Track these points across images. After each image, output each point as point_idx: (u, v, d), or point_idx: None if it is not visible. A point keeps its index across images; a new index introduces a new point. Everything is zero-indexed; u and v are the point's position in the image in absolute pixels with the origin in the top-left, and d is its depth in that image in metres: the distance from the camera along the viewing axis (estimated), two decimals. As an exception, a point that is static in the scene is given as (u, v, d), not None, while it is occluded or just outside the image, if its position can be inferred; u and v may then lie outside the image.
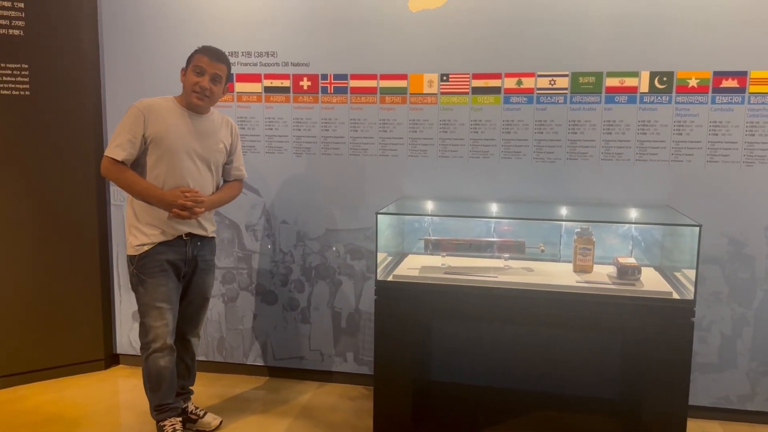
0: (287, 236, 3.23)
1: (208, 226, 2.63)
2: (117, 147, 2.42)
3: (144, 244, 2.48)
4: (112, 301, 3.47)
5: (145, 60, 3.23)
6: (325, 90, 3.10)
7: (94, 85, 3.29)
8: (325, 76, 3.09)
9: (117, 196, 3.36)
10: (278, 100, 3.15)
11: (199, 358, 2.82)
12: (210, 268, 2.71)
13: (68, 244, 3.28)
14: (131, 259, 2.52)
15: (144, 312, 2.52)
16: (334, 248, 3.15)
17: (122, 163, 2.43)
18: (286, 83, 3.13)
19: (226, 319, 3.34)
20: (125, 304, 3.43)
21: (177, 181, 2.49)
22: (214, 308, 3.32)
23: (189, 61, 2.52)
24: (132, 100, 3.21)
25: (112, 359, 3.52)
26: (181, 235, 2.53)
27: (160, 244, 2.49)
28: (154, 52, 3.21)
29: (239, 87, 3.17)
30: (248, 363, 3.36)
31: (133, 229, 2.51)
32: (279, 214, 3.22)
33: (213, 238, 2.71)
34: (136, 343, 3.43)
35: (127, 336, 3.48)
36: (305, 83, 3.11)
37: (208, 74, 2.48)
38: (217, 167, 2.63)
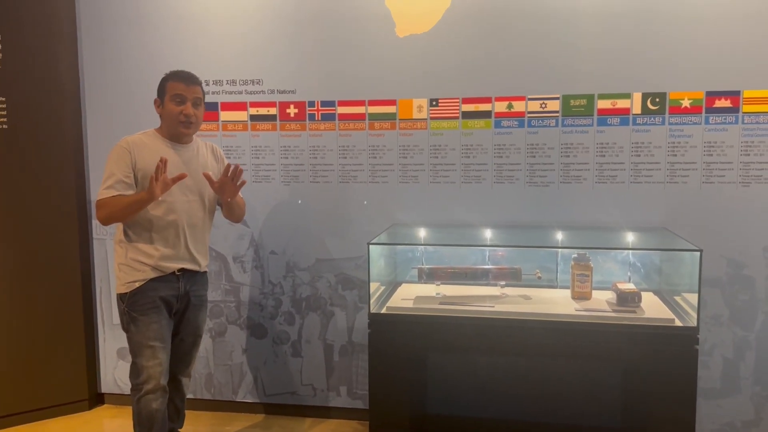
0: (276, 267, 3.14)
1: (201, 260, 2.52)
2: (108, 189, 2.30)
3: (136, 281, 2.37)
4: (96, 338, 3.35)
5: (126, 91, 3.16)
6: (312, 117, 3.04)
7: (74, 118, 3.21)
8: (312, 103, 3.03)
9: (99, 230, 3.27)
10: (265, 128, 3.08)
11: (187, 395, 2.71)
12: (203, 304, 2.60)
13: (49, 280, 3.17)
14: (122, 297, 2.41)
15: (136, 351, 2.41)
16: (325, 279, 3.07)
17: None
18: (273, 111, 3.06)
19: (214, 355, 3.24)
20: (109, 341, 3.32)
21: (170, 216, 2.39)
22: (202, 344, 3.20)
23: (162, 90, 2.41)
24: (114, 132, 3.16)
25: (97, 399, 3.40)
26: (174, 271, 2.43)
27: (152, 280, 2.38)
28: (135, 83, 3.13)
29: (224, 115, 3.10)
30: (238, 400, 3.24)
31: (124, 267, 2.40)
32: (267, 244, 3.13)
33: (205, 272, 2.60)
34: (122, 382, 3.33)
35: (111, 374, 3.36)
36: (292, 110, 3.04)
37: (189, 100, 2.38)
38: (209, 197, 2.50)
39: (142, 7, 3.10)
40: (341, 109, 3.01)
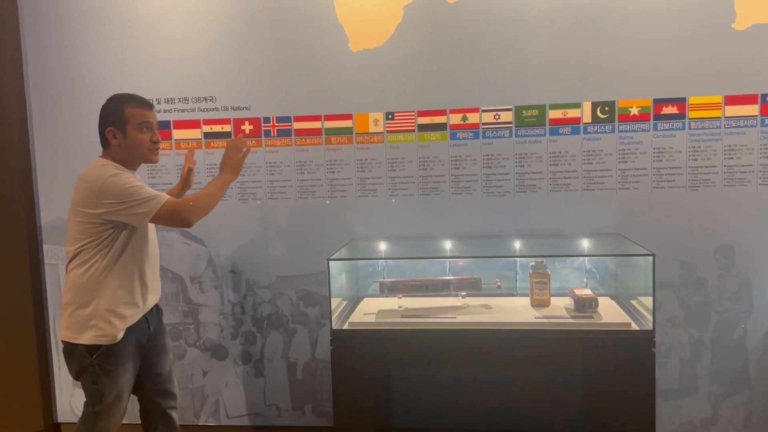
0: (236, 286, 3.09)
1: (159, 288, 2.40)
2: (152, 196, 2.09)
3: (121, 330, 2.15)
4: (51, 366, 3.24)
5: (74, 116, 3.09)
6: (268, 133, 3.01)
7: (22, 142, 3.11)
8: (267, 119, 3.01)
9: (51, 255, 3.17)
10: (220, 146, 3.04)
11: (136, 421, 2.62)
12: (165, 329, 2.47)
13: (-2, 309, 3.06)
14: (91, 349, 2.14)
15: (104, 403, 2.18)
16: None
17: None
18: (227, 128, 3.03)
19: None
20: (64, 369, 3.21)
21: (147, 251, 2.24)
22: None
23: (119, 118, 2.17)
24: (64, 156, 3.11)
25: (54, 429, 3.28)
26: (145, 314, 2.27)
27: (128, 328, 2.19)
28: (84, 104, 3.06)
29: (177, 134, 3.06)
30: (200, 424, 3.17)
31: (107, 314, 2.13)
32: (226, 263, 3.09)
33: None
34: (79, 410, 3.21)
35: (68, 403, 3.25)
36: (247, 127, 3.02)
37: (154, 126, 2.24)
38: None
39: (87, 32, 3.04)
40: (297, 125, 3.00)
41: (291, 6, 2.92)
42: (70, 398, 3.24)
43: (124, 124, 2.17)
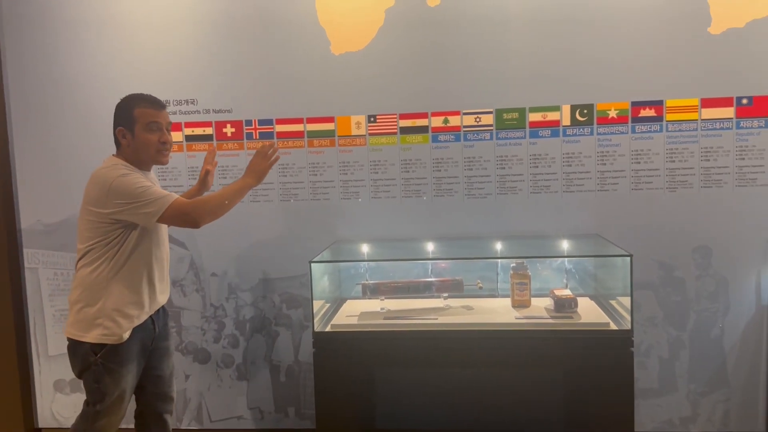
0: (218, 289, 3.08)
1: (168, 290, 2.38)
2: (160, 196, 2.08)
3: (127, 330, 2.15)
4: (31, 371, 3.21)
5: (55, 119, 3.07)
6: (250, 136, 3.02)
7: (1, 145, 3.09)
8: (249, 122, 3.01)
9: (30, 258, 3.14)
10: (201, 149, 3.03)
11: (128, 425, 2.61)
12: (171, 333, 2.47)
13: (-23, 313, 3.03)
14: (95, 348, 2.13)
15: (105, 403, 2.17)
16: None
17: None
18: (209, 131, 3.03)
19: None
20: (45, 374, 3.19)
21: (162, 248, 2.25)
22: (144, 371, 3.12)
23: (129, 118, 2.16)
24: (44, 159, 3.08)
25: (34, 434, 3.26)
26: (151, 315, 2.26)
27: (135, 328, 2.18)
28: (65, 107, 3.05)
29: (159, 137, 3.05)
30: (182, 428, 3.15)
31: (114, 313, 2.13)
32: (208, 266, 3.08)
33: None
34: (60, 415, 3.20)
35: (49, 408, 3.22)
36: (229, 130, 3.02)
37: (164, 126, 2.20)
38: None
39: (68, 35, 3.03)
40: (279, 127, 3.00)
41: (273, 9, 2.93)
42: (50, 404, 3.21)
43: (133, 124, 2.16)
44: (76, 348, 2.18)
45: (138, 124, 2.16)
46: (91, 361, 2.15)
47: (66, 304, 3.12)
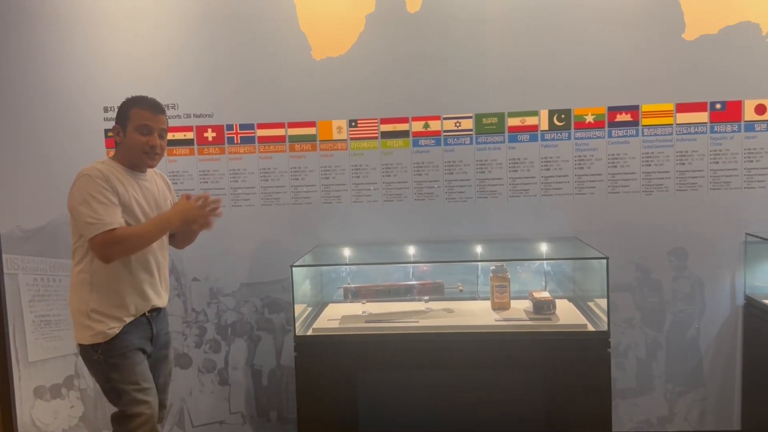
0: (199, 294, 3.08)
1: (166, 295, 2.34)
2: (97, 219, 2.02)
3: (113, 327, 2.13)
4: (10, 377, 3.18)
5: (30, 122, 3.05)
6: (231, 140, 3.02)
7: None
8: (230, 126, 3.01)
9: (10, 264, 3.12)
10: (182, 153, 3.03)
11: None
12: (170, 341, 2.43)
13: (-45, 320, 3.00)
14: (94, 347, 2.13)
15: (122, 398, 2.14)
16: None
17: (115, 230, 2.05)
18: (190, 135, 3.03)
19: (138, 387, 3.13)
20: (25, 380, 3.16)
21: (144, 253, 2.19)
22: (125, 377, 3.11)
23: (124, 117, 2.17)
24: (21, 163, 3.06)
25: (13, 442, 3.22)
26: (144, 313, 2.22)
27: (127, 325, 2.17)
28: (40, 111, 3.03)
29: (140, 142, 3.04)
30: (164, 433, 3.15)
31: (94, 314, 2.12)
32: (189, 271, 3.08)
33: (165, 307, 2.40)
34: (40, 422, 3.17)
35: (29, 415, 3.19)
36: (210, 134, 3.02)
37: (155, 131, 2.18)
38: None
39: (45, 36, 3.02)
40: (261, 132, 3.01)
41: (253, 14, 2.94)
42: (30, 410, 3.18)
43: (126, 124, 2.17)
44: (82, 351, 2.20)
45: (130, 124, 2.16)
46: (95, 360, 2.15)
47: (45, 309, 3.11)
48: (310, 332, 2.58)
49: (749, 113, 2.83)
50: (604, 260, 2.40)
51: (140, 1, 2.97)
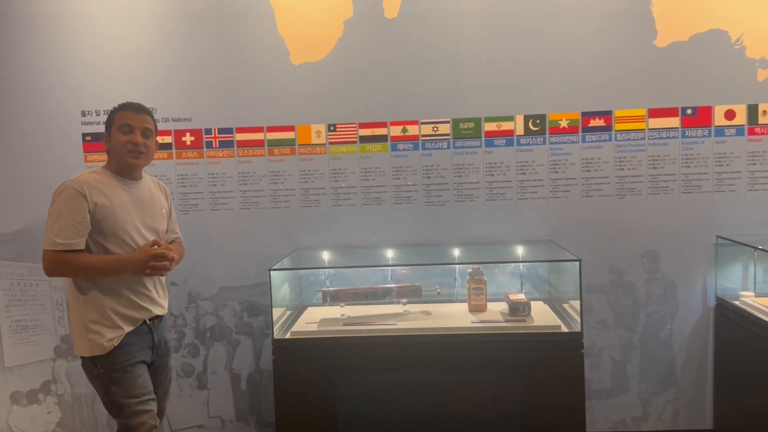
0: (178, 298, 3.07)
1: (164, 302, 2.32)
2: (56, 236, 2.03)
3: (113, 339, 2.10)
4: (-15, 384, 3.15)
5: (10, 123, 3.03)
6: (210, 144, 3.03)
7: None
8: (209, 131, 3.02)
9: (-15, 269, 3.09)
10: (160, 157, 3.03)
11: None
12: (171, 349, 2.40)
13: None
14: (94, 360, 2.11)
15: (122, 411, 2.11)
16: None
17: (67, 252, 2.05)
18: (168, 139, 3.03)
19: (116, 392, 3.12)
20: (1, 386, 3.12)
21: None
22: (102, 381, 3.10)
23: (110, 123, 2.20)
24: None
25: (-12, 449, 3.19)
26: (145, 320, 2.20)
27: (128, 335, 2.13)
28: (20, 113, 3.02)
29: (118, 146, 3.04)
30: (142, 438, 3.13)
31: (93, 326, 2.10)
32: (167, 275, 3.06)
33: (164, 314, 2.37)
34: (17, 428, 3.14)
35: (5, 420, 3.15)
36: (188, 138, 3.02)
37: (137, 129, 2.18)
38: (163, 234, 2.33)
39: (21, 38, 3.00)
40: (239, 136, 3.02)
41: (232, 18, 2.95)
42: (7, 416, 3.15)
43: (111, 127, 2.20)
44: (83, 363, 2.17)
45: (114, 125, 2.19)
46: (94, 373, 2.13)
47: (21, 314, 3.09)
48: (288, 335, 2.59)
49: (719, 118, 2.89)
50: (577, 262, 2.45)
51: (118, 4, 2.97)
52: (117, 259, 2.10)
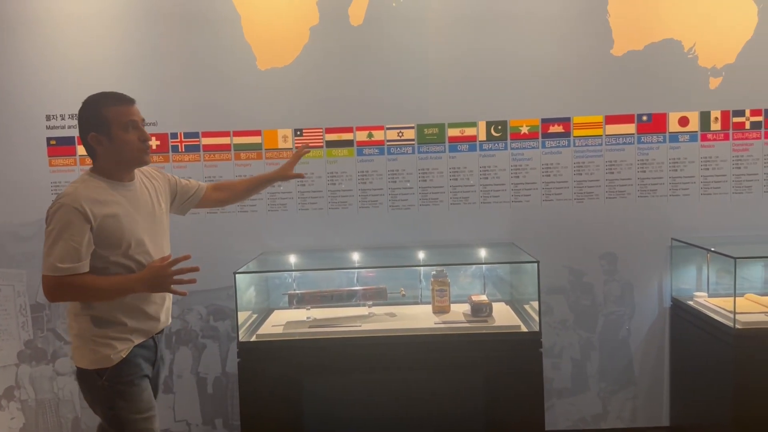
0: (144, 302, 3.07)
1: (169, 314, 2.20)
2: (57, 261, 1.83)
3: (121, 351, 1.96)
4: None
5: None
6: (176, 149, 3.04)
7: None
8: (175, 135, 3.03)
9: (-55, 274, 3.05)
10: (127, 162, 3.03)
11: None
12: (167, 363, 2.35)
13: None
14: (99, 372, 1.95)
15: (128, 429, 1.97)
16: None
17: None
18: (134, 144, 3.02)
19: (80, 398, 3.09)
20: (-40, 393, 3.09)
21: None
22: (66, 386, 3.07)
23: (101, 121, 1.92)
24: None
25: (-53, 458, 3.13)
26: (152, 335, 2.07)
27: (136, 347, 2.00)
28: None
29: (81, 150, 3.01)
30: (107, 443, 3.11)
31: (98, 338, 1.94)
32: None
33: None
34: (-24, 436, 3.10)
35: (-36, 429, 3.11)
36: (154, 143, 3.02)
37: (140, 122, 1.99)
38: (166, 234, 2.18)
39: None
40: (206, 140, 3.04)
41: (198, 24, 2.97)
42: (-33, 424, 3.11)
43: (108, 127, 1.93)
44: (81, 375, 2.01)
45: (113, 125, 1.93)
46: (99, 386, 1.97)
47: (-17, 320, 3.05)
48: (254, 338, 2.61)
49: (673, 125, 3.00)
50: (535, 264, 2.52)
51: (83, 8, 2.96)
52: (125, 279, 1.92)
